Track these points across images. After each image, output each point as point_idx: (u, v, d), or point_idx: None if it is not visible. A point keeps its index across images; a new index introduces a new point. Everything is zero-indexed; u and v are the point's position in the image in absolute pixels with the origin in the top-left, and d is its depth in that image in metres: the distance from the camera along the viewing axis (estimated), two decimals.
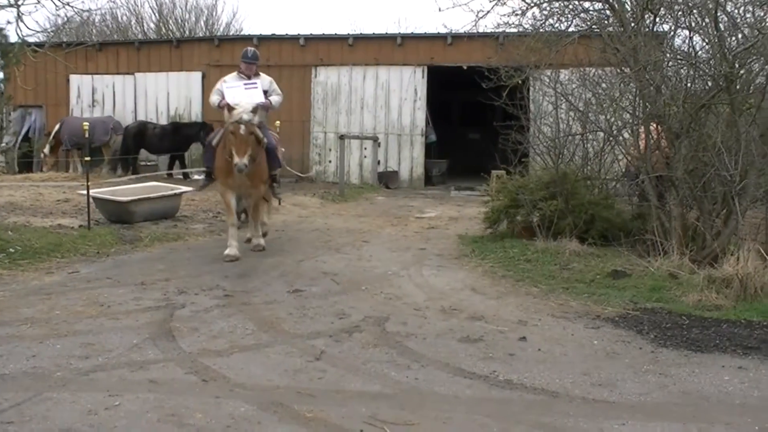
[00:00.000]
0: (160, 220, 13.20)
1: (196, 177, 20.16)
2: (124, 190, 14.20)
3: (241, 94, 9.92)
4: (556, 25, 12.41)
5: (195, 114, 24.12)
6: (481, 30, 13.47)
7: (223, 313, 7.34)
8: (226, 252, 10.01)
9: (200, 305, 7.61)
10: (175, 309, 7.43)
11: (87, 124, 13.42)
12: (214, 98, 10.30)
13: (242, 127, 9.35)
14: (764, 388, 5.50)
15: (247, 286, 8.60)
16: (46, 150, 23.84)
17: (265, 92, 10.40)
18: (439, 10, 17.52)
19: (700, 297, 7.81)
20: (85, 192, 12.48)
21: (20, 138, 25.90)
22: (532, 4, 12.11)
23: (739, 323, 7.15)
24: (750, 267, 7.86)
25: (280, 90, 11.05)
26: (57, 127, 23.42)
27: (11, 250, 9.70)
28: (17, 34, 11.72)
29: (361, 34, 24.28)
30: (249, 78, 10.40)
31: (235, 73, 10.60)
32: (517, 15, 12.30)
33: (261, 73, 10.79)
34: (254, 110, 9.54)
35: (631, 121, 10.98)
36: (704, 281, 8.03)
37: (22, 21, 11.16)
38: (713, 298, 7.76)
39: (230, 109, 9.50)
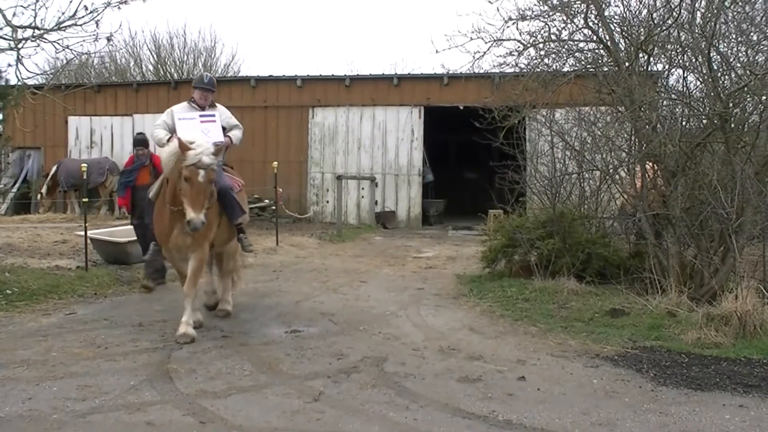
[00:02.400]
0: None
1: None
2: (122, 231, 14.19)
3: (196, 128, 8.14)
4: (552, 65, 12.54)
5: None
6: (477, 70, 13.60)
7: (221, 354, 7.31)
8: (181, 331, 7.75)
9: (198, 346, 7.57)
10: (173, 350, 7.39)
11: (85, 165, 13.47)
12: (159, 133, 8.33)
13: (201, 173, 7.41)
14: (766, 427, 5.46)
15: (245, 326, 8.57)
16: (43, 191, 23.89)
17: (223, 128, 8.62)
18: (437, 51, 17.77)
19: (699, 335, 7.79)
20: (82, 233, 12.49)
21: (20, 180, 25.97)
22: (528, 45, 12.25)
23: (739, 361, 7.13)
24: (749, 304, 7.85)
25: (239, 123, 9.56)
26: (54, 168, 23.49)
27: (8, 291, 9.67)
28: (17, 77, 11.81)
29: (357, 75, 24.50)
30: (203, 108, 8.63)
31: (185, 103, 8.73)
32: (513, 55, 12.45)
33: (217, 104, 9.01)
34: (217, 151, 7.72)
35: (627, 159, 11.04)
36: (703, 319, 8.01)
37: (21, 64, 11.24)
38: (712, 336, 7.74)
39: (184, 148, 7.45)
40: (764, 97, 9.32)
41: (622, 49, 11.03)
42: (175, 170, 7.60)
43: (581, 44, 12.11)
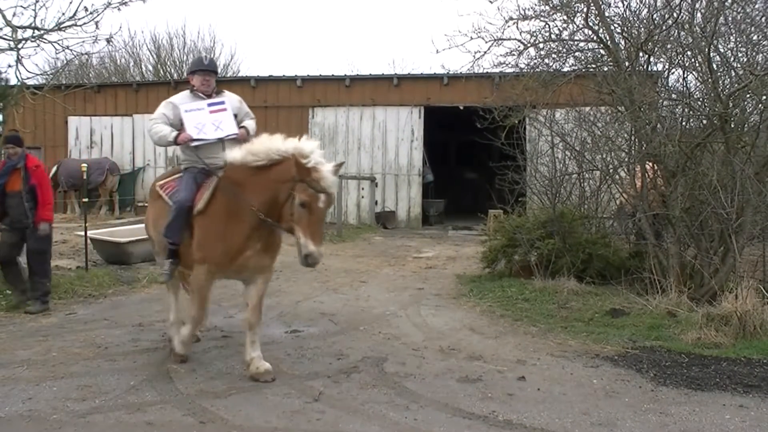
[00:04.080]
0: None
1: None
2: (122, 231, 14.20)
3: (207, 121, 6.97)
4: (552, 65, 12.54)
5: None
6: (477, 70, 13.61)
7: (221, 354, 7.31)
8: (262, 369, 6.48)
9: (198, 346, 7.57)
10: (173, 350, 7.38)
11: (85, 165, 13.48)
12: (161, 129, 6.90)
13: (323, 197, 5.92)
14: (766, 427, 5.46)
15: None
16: None
17: (235, 116, 7.18)
18: (437, 51, 17.77)
19: (699, 335, 7.79)
20: (82, 233, 12.50)
21: None
22: (529, 44, 12.26)
23: (739, 361, 7.13)
24: (749, 304, 7.85)
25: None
26: (54, 169, 23.48)
27: (8, 291, 9.67)
28: (17, 77, 11.81)
29: (357, 75, 24.50)
30: (209, 96, 7.15)
31: (186, 92, 7.24)
32: (513, 55, 12.46)
33: (224, 90, 7.40)
34: (337, 169, 6.11)
35: (627, 160, 11.04)
36: (703, 319, 8.02)
37: (21, 64, 11.24)
38: (712, 336, 7.74)
39: (305, 168, 5.85)
40: (764, 97, 9.33)
41: (623, 49, 11.03)
42: (283, 189, 6.02)
43: (581, 44, 12.12)
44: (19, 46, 11.05)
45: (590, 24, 11.27)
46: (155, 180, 7.67)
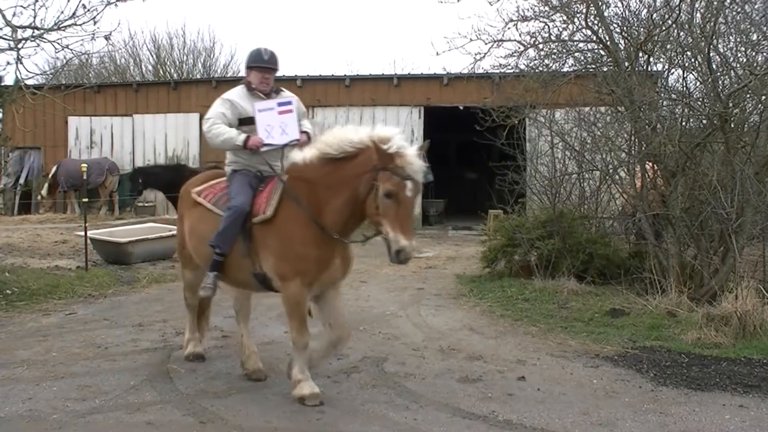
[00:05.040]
0: (158, 261, 13.20)
1: None
2: (122, 231, 14.21)
3: (276, 122, 6.26)
4: (552, 65, 12.55)
5: (193, 155, 24.20)
6: (478, 71, 13.62)
7: (221, 354, 7.31)
8: (306, 392, 5.82)
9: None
10: (173, 350, 7.39)
11: (85, 165, 13.49)
12: (227, 131, 6.17)
13: (409, 185, 5.30)
14: (766, 427, 5.46)
15: None
16: (44, 191, 23.90)
17: None
18: (437, 54, 17.76)
19: (699, 335, 7.79)
20: (82, 233, 12.50)
21: (21, 179, 25.97)
22: (529, 45, 12.26)
23: (739, 361, 7.13)
24: (749, 304, 7.85)
25: None
26: (54, 169, 23.49)
27: (8, 291, 9.68)
28: (16, 76, 11.81)
29: (357, 75, 24.49)
30: (268, 95, 6.47)
31: (241, 88, 6.52)
32: (513, 56, 12.47)
33: (282, 88, 6.74)
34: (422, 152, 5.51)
35: (626, 160, 11.04)
36: (703, 319, 8.02)
37: (21, 64, 11.23)
38: (712, 336, 7.74)
39: (388, 154, 5.30)
40: (764, 97, 9.32)
41: (622, 49, 11.04)
42: (364, 182, 5.43)
43: (581, 44, 12.13)
44: (19, 45, 11.05)
45: (590, 24, 11.27)
46: (187, 185, 6.89)
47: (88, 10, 10.99)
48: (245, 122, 6.28)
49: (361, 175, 5.45)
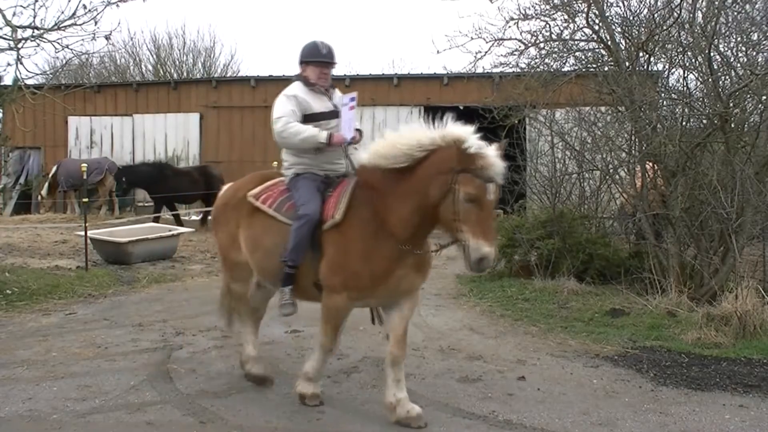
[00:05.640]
0: (158, 261, 13.20)
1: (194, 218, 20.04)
2: (122, 231, 14.21)
3: (348, 119, 5.93)
4: (553, 64, 12.54)
5: (193, 155, 24.19)
6: (478, 71, 13.61)
7: (221, 354, 7.31)
8: (413, 413, 5.44)
9: (198, 346, 7.58)
10: (173, 350, 7.40)
11: (85, 165, 13.49)
12: (305, 129, 5.70)
13: (491, 187, 4.87)
14: (766, 427, 5.47)
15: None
16: (44, 191, 23.90)
17: None
18: (438, 52, 17.72)
19: (699, 335, 7.79)
20: (82, 233, 12.50)
21: (20, 179, 25.98)
22: (529, 44, 12.26)
23: (739, 361, 7.13)
24: (749, 304, 7.86)
25: None
26: (54, 168, 23.48)
27: (8, 291, 9.69)
28: (16, 76, 11.81)
29: (357, 74, 24.47)
30: (326, 91, 6.13)
31: (299, 84, 6.00)
32: (514, 55, 12.46)
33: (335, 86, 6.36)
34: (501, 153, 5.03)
35: (627, 160, 11.04)
36: (703, 319, 8.02)
37: (21, 64, 11.23)
38: (712, 336, 7.74)
39: (467, 154, 4.81)
40: (764, 97, 9.32)
41: (623, 48, 11.03)
42: (439, 185, 4.94)
43: (582, 44, 12.12)
44: (19, 45, 11.05)
45: (591, 24, 11.27)
46: (235, 187, 6.39)
47: (89, 11, 11.00)
48: (310, 119, 5.84)
49: (434, 178, 4.98)
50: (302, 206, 5.52)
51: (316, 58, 6.01)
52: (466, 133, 4.92)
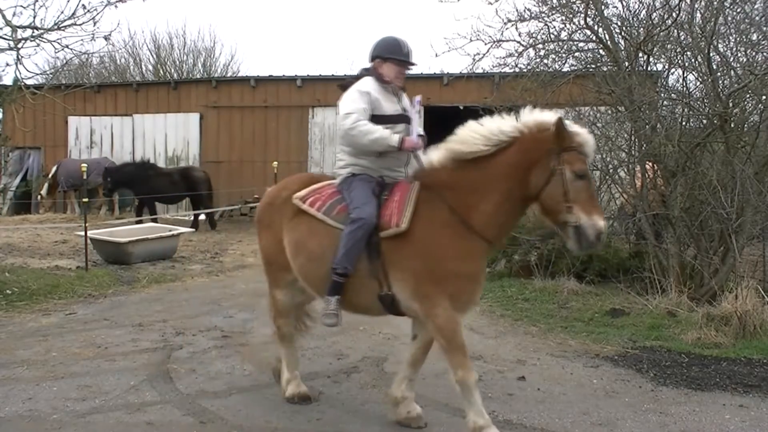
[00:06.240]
0: (158, 261, 13.20)
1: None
2: (122, 231, 14.21)
3: (416, 122, 5.75)
4: (552, 65, 12.53)
5: (193, 155, 24.19)
6: (477, 71, 13.61)
7: (221, 354, 7.31)
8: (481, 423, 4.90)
9: (198, 346, 7.58)
10: (173, 350, 7.40)
11: (85, 165, 13.49)
12: (375, 130, 5.29)
13: (588, 161, 4.88)
14: (766, 427, 5.47)
15: (245, 327, 8.57)
16: (44, 192, 23.90)
17: None
18: (436, 55, 17.75)
19: (699, 335, 7.80)
20: (82, 233, 12.50)
21: (18, 179, 25.98)
22: (528, 46, 12.25)
23: (739, 361, 7.14)
24: (749, 304, 7.86)
25: None
26: (54, 169, 23.49)
27: (8, 291, 9.69)
28: (15, 75, 11.82)
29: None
30: (402, 90, 5.81)
31: (371, 80, 5.58)
32: (513, 56, 12.45)
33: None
34: None
35: (626, 160, 11.03)
36: (703, 319, 8.02)
37: (21, 64, 11.24)
38: (712, 336, 7.75)
39: (565, 131, 4.68)
40: (764, 97, 9.33)
41: (622, 48, 11.02)
42: (540, 170, 4.74)
43: (581, 44, 12.10)
44: (19, 45, 11.06)
45: (589, 24, 11.26)
46: (280, 189, 6.02)
47: (88, 11, 11.01)
48: (377, 120, 5.40)
49: (531, 164, 4.75)
50: (357, 209, 5.13)
51: (398, 56, 5.61)
52: (548, 117, 4.80)
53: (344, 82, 5.70)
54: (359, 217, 5.06)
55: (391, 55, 5.58)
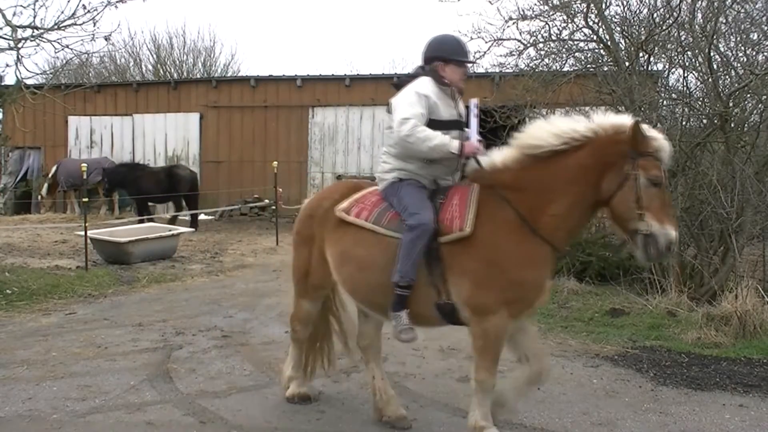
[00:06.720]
0: (158, 261, 13.19)
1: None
2: (122, 231, 14.21)
3: (474, 131, 5.22)
4: (552, 64, 12.54)
5: (192, 155, 24.20)
6: (477, 70, 13.60)
7: (221, 354, 7.31)
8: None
9: (198, 346, 7.57)
10: (173, 350, 7.39)
11: (85, 165, 13.49)
12: (434, 136, 4.91)
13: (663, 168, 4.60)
14: (766, 427, 5.47)
15: (245, 326, 8.56)
16: (44, 191, 23.90)
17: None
18: None
19: (699, 335, 7.80)
20: (82, 233, 12.50)
21: (18, 179, 25.98)
22: (529, 45, 12.25)
23: (739, 361, 7.14)
24: (748, 304, 7.86)
25: None
26: (54, 168, 23.48)
27: (8, 291, 9.69)
28: (16, 76, 11.82)
29: (357, 74, 24.45)
30: (461, 94, 5.40)
31: (429, 81, 5.19)
32: (513, 55, 12.46)
33: None
34: None
35: None
36: (703, 319, 8.02)
37: (21, 63, 11.24)
38: (712, 336, 7.75)
39: (643, 136, 4.47)
40: (764, 97, 9.33)
41: (623, 48, 11.04)
42: (612, 175, 4.53)
43: (581, 44, 12.12)
44: (19, 45, 11.06)
45: (590, 24, 11.27)
46: (319, 201, 5.70)
47: (88, 11, 11.01)
48: (432, 125, 5.03)
49: (604, 167, 4.55)
50: (414, 215, 4.82)
51: (461, 57, 5.28)
52: (626, 120, 4.59)
53: (398, 81, 5.43)
54: (419, 223, 4.76)
55: (454, 56, 5.23)
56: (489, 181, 4.87)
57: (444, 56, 5.21)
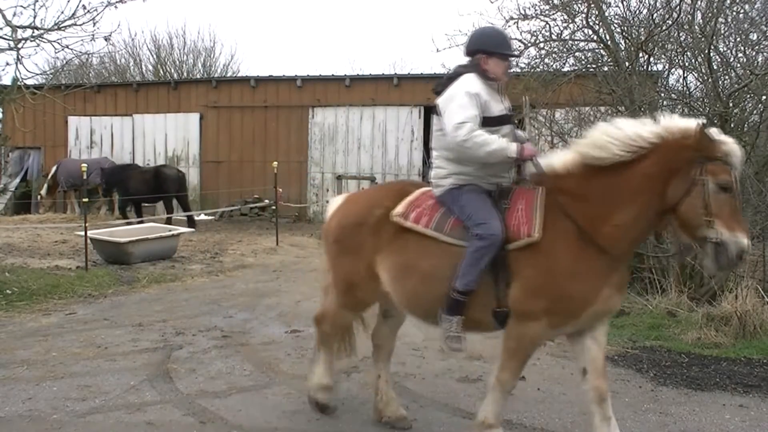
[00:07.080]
0: (158, 261, 13.19)
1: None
2: (122, 231, 14.21)
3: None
4: (552, 64, 12.54)
5: (192, 155, 24.20)
6: None
7: (221, 354, 7.31)
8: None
9: (198, 346, 7.57)
10: (173, 350, 7.39)
11: (85, 165, 13.49)
12: (492, 141, 4.66)
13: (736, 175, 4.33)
14: (766, 427, 5.47)
15: (245, 327, 8.56)
16: (43, 191, 23.89)
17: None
18: (437, 50, 17.75)
19: (699, 335, 7.80)
20: (82, 233, 12.50)
21: (18, 179, 25.97)
22: (529, 44, 12.25)
23: (739, 361, 7.14)
24: (748, 304, 7.86)
25: None
26: (54, 169, 23.48)
27: (8, 291, 9.69)
28: (16, 76, 11.81)
29: (357, 75, 24.45)
30: (501, 90, 5.13)
31: (475, 77, 4.88)
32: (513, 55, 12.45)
33: None
34: None
35: None
36: (703, 319, 8.02)
37: (21, 64, 11.23)
38: (712, 336, 7.75)
39: (710, 141, 4.23)
40: (764, 97, 9.33)
41: (623, 48, 11.04)
42: (678, 181, 4.29)
43: (581, 44, 12.12)
44: (19, 45, 11.05)
45: (590, 24, 11.27)
46: (368, 204, 5.27)
47: (88, 11, 11.00)
48: (485, 123, 4.79)
49: (671, 173, 4.31)
50: (482, 225, 4.58)
51: (506, 50, 5.04)
52: (691, 123, 4.35)
53: (438, 86, 5.08)
54: (490, 234, 4.53)
55: (497, 49, 4.96)
56: (550, 186, 4.66)
57: (487, 49, 4.96)
